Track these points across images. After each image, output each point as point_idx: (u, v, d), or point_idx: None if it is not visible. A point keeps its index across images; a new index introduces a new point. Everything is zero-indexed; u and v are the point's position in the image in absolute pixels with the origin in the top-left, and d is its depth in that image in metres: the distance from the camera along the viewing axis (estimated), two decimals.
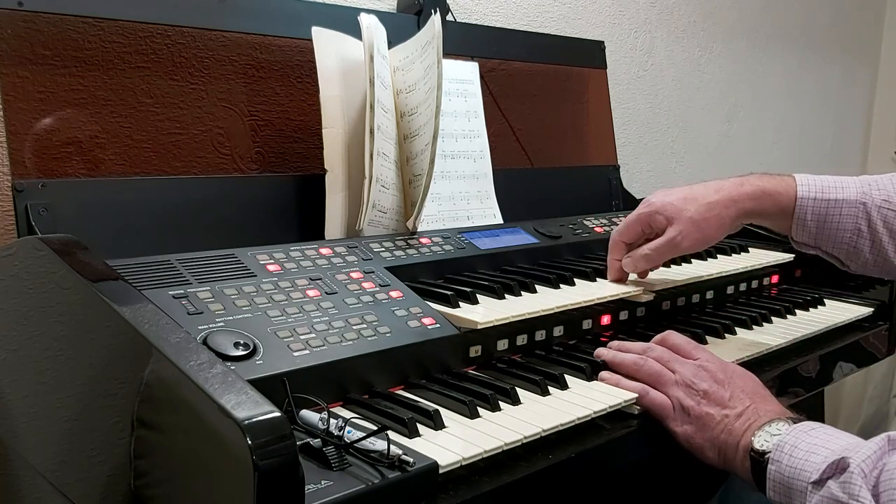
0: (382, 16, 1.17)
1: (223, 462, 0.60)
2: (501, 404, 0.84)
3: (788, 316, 1.29)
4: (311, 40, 1.12)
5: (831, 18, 2.73)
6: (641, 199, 1.63)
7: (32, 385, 0.82)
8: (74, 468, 0.77)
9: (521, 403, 0.86)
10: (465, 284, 1.05)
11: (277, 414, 0.59)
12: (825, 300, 1.38)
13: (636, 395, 0.90)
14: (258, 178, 1.19)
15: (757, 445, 0.84)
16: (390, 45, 1.19)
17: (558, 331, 1.05)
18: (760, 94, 2.47)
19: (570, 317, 1.06)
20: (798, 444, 0.81)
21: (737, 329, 1.17)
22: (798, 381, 1.16)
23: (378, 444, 0.67)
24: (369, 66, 1.07)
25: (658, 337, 1.01)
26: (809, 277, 1.49)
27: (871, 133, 3.09)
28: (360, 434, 0.68)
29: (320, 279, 0.93)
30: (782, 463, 0.81)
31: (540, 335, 1.03)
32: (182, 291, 0.83)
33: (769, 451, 0.82)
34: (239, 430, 0.57)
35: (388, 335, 0.87)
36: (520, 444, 0.78)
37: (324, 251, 1.00)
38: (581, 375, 0.94)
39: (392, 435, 0.71)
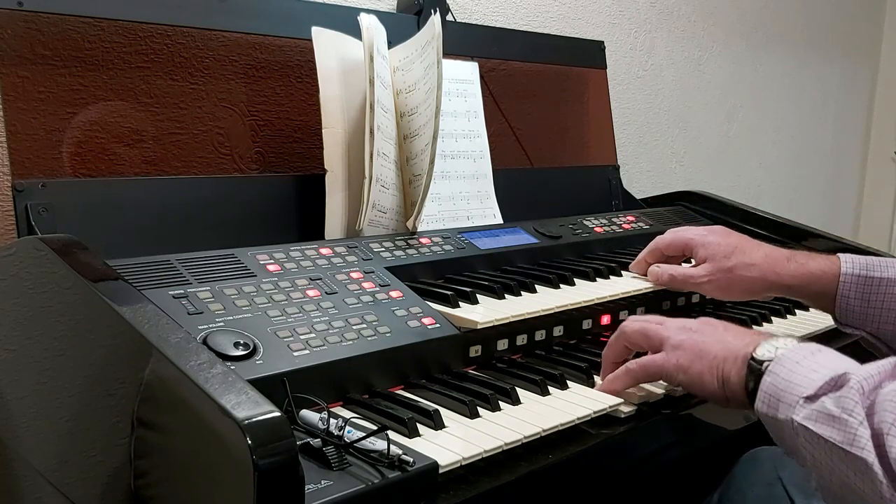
0: (382, 16, 1.17)
1: (223, 462, 0.60)
2: (501, 404, 0.84)
3: (788, 315, 1.29)
4: (311, 40, 1.12)
5: (831, 18, 2.73)
6: (641, 200, 1.65)
7: (32, 385, 0.82)
8: (74, 468, 0.77)
9: (521, 403, 0.86)
10: (465, 284, 1.05)
11: (277, 414, 0.60)
12: None
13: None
14: (258, 178, 1.19)
15: (758, 354, 0.80)
16: (390, 45, 1.19)
17: (558, 331, 1.05)
18: (760, 94, 2.47)
19: (570, 317, 1.06)
20: (801, 362, 0.77)
21: None
22: None
23: (378, 444, 0.67)
24: (369, 66, 1.07)
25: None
26: None
27: (871, 133, 3.09)
28: (360, 434, 0.68)
29: (320, 279, 0.93)
30: (779, 376, 0.77)
31: (540, 335, 1.03)
32: (182, 291, 0.83)
33: (770, 360, 0.79)
34: (239, 430, 0.57)
35: (388, 335, 0.87)
36: (520, 443, 0.78)
37: (324, 251, 1.00)
38: (581, 375, 0.94)
39: (392, 435, 0.71)
